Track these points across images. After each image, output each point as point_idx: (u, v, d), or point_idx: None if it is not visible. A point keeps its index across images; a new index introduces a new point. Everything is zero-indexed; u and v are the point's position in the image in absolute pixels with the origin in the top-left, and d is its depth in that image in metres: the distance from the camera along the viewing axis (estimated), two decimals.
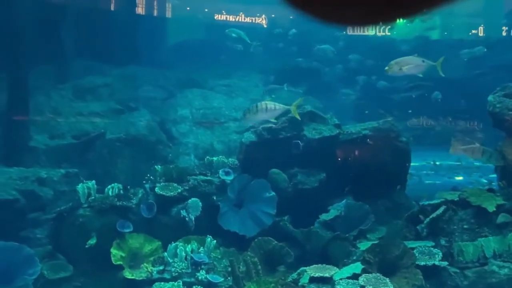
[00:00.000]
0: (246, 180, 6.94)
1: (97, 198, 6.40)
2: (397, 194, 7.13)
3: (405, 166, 7.45)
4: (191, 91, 11.30)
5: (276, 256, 6.03)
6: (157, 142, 9.43)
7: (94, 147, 8.88)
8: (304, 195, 6.99)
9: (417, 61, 5.43)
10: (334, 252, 6.14)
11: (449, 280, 5.24)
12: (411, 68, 5.43)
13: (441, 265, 5.32)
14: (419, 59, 5.44)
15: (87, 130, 9.19)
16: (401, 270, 5.19)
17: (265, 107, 5.68)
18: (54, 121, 9.27)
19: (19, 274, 5.68)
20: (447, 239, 5.56)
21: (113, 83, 10.82)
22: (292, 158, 7.10)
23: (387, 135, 7.26)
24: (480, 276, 5.15)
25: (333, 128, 7.37)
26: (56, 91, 9.95)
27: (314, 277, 5.12)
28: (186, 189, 6.76)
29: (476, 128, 11.48)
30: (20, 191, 6.89)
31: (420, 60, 5.42)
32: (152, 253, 6.16)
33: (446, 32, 15.12)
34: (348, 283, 4.96)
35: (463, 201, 5.96)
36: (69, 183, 7.52)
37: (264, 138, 7.29)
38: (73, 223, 6.21)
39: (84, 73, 10.85)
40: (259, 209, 6.83)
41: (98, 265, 6.03)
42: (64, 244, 6.28)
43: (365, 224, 6.60)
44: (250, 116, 5.83)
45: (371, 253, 5.22)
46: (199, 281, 5.71)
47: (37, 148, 8.43)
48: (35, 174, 7.46)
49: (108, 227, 6.16)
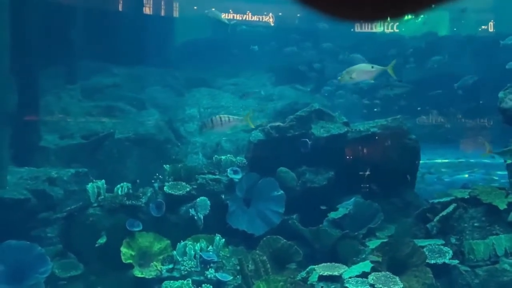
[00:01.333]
0: (255, 179, 6.94)
1: (107, 197, 6.45)
2: (406, 192, 7.09)
3: (414, 164, 7.39)
4: (199, 90, 11.33)
5: (284, 254, 6.02)
6: (166, 141, 9.48)
7: (103, 147, 8.94)
8: (313, 193, 6.97)
9: (366, 68, 5.48)
10: (343, 250, 6.11)
11: (460, 279, 5.20)
12: (360, 75, 5.46)
13: (451, 264, 5.28)
14: (369, 65, 5.50)
15: (96, 130, 9.27)
16: (411, 269, 5.15)
17: (220, 120, 5.90)
18: (63, 121, 9.36)
19: (31, 273, 5.75)
20: (457, 237, 5.51)
21: (122, 83, 10.89)
22: (300, 156, 7.08)
23: (396, 133, 7.21)
24: (491, 275, 5.09)
25: (342, 126, 7.33)
26: (65, 92, 10.05)
27: (323, 276, 5.11)
28: (195, 188, 6.78)
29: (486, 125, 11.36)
30: (31, 191, 6.96)
31: (369, 66, 5.46)
32: (162, 251, 6.19)
33: (456, 28, 14.96)
34: (358, 281, 4.94)
35: (474, 198, 5.90)
36: (79, 182, 7.59)
37: (272, 136, 7.28)
38: (83, 222, 6.26)
39: (92, 73, 10.94)
40: (268, 208, 6.83)
41: (108, 264, 6.08)
42: (75, 243, 6.34)
43: (374, 222, 6.56)
44: (206, 130, 6.13)
45: (381, 251, 5.19)
46: (208, 279, 5.73)
47: (47, 148, 8.52)
48: (45, 173, 7.53)
49: (117, 226, 6.20)
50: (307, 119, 7.35)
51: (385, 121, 7.37)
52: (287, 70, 12.35)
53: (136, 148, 9.06)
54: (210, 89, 11.50)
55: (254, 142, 7.32)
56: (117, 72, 11.14)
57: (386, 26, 14.62)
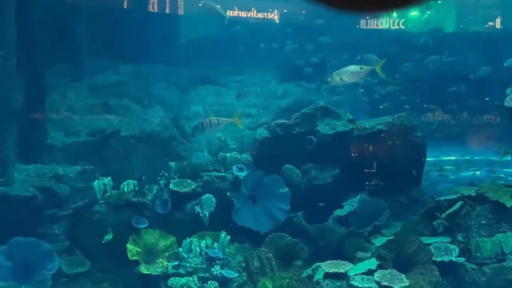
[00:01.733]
0: (260, 176, 6.94)
1: (113, 194, 6.48)
2: (412, 190, 7.06)
3: (420, 161, 7.36)
4: (204, 88, 11.33)
5: (290, 252, 6.02)
6: (171, 138, 9.50)
7: (109, 144, 8.98)
8: (318, 190, 6.96)
9: (355, 69, 5.70)
10: (348, 248, 6.11)
11: (467, 277, 5.17)
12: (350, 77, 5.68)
13: (458, 261, 5.25)
14: (357, 66, 5.74)
15: (102, 127, 9.31)
16: (417, 266, 5.13)
17: (210, 122, 6.12)
18: (70, 119, 9.41)
19: (38, 269, 5.80)
20: (464, 234, 5.48)
21: (127, 81, 10.92)
22: (305, 153, 7.07)
23: (402, 130, 7.18)
24: (498, 273, 5.06)
25: (347, 123, 7.31)
26: (71, 90, 10.10)
27: (328, 273, 5.11)
28: (200, 185, 6.79)
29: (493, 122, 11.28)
30: (38, 188, 7.01)
31: (358, 67, 5.71)
32: (167, 248, 6.22)
33: (462, 25, 14.84)
34: (363, 279, 4.93)
35: (481, 196, 5.86)
36: (85, 179, 7.63)
37: (277, 134, 7.27)
38: (89, 219, 6.30)
39: (98, 71, 10.98)
40: (273, 205, 6.83)
41: (114, 260, 6.11)
42: (81, 240, 6.38)
43: (380, 219, 6.55)
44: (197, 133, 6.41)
45: (387, 249, 5.18)
46: (213, 276, 5.75)
47: (54, 146, 8.57)
48: (52, 171, 7.58)
49: (124, 223, 6.24)
50: (312, 116, 7.34)
51: (391, 118, 7.34)
52: (291, 67, 12.31)
53: (141, 145, 9.09)
54: (215, 87, 11.50)
55: (260, 140, 7.32)
56: (123, 70, 11.17)
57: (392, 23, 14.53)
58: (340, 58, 11.43)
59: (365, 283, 4.87)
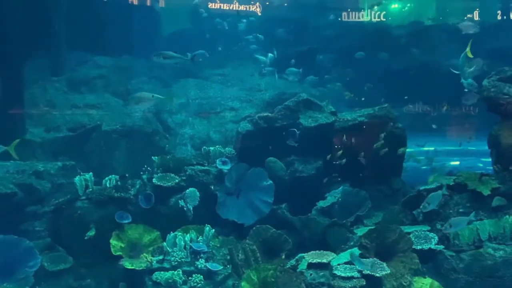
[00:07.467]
0: (244, 169, 6.96)
1: (95, 190, 6.41)
2: (394, 180, 7.18)
3: (401, 152, 7.46)
4: (187, 81, 11.27)
5: (274, 243, 6.08)
6: (154, 133, 9.44)
7: (91, 139, 8.87)
8: (301, 182, 7.03)
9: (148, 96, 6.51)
10: (331, 238, 6.20)
11: (446, 263, 5.32)
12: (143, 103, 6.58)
13: (437, 249, 5.39)
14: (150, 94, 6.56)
15: (83, 122, 9.18)
16: (398, 255, 5.25)
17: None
18: (49, 114, 9.25)
19: (20, 267, 5.72)
20: (443, 223, 5.62)
21: (108, 74, 10.77)
22: (288, 146, 7.12)
23: (383, 122, 7.28)
24: (475, 259, 5.22)
25: (329, 115, 7.38)
26: (51, 84, 9.92)
27: (312, 263, 5.18)
28: (184, 179, 6.78)
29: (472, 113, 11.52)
30: (18, 185, 6.90)
31: (150, 95, 6.53)
32: (151, 243, 6.20)
33: (441, 17, 15.05)
34: (346, 268, 5.02)
35: (459, 185, 6.01)
36: (66, 175, 7.53)
37: (260, 126, 7.29)
38: (71, 215, 6.23)
39: (78, 65, 10.80)
40: (257, 198, 6.87)
41: (97, 256, 6.07)
42: (64, 236, 6.31)
43: (362, 210, 6.66)
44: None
45: (368, 238, 5.28)
46: (198, 269, 5.77)
47: (33, 142, 8.42)
48: (32, 167, 7.46)
49: (106, 218, 6.19)
50: (295, 109, 7.38)
51: (372, 110, 7.43)
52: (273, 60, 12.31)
53: (123, 140, 9.01)
54: (198, 80, 11.45)
55: (243, 133, 7.33)
56: (103, 64, 11.01)
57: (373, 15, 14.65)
58: None
59: (348, 272, 4.96)
